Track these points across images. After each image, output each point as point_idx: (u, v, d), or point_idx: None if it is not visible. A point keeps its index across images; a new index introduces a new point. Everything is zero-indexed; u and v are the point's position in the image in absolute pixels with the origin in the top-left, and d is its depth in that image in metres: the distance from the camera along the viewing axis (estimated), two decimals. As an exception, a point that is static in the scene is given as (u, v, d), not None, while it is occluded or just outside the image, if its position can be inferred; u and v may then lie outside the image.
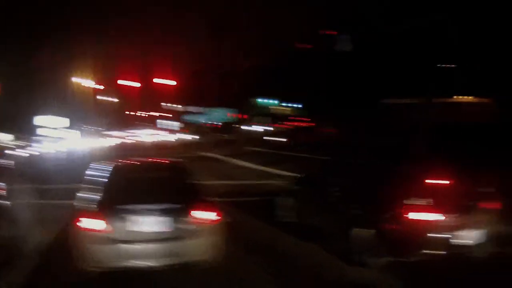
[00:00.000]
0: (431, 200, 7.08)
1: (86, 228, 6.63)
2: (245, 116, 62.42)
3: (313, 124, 50.10)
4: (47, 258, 8.14)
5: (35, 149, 36.91)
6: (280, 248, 8.93)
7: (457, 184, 7.57)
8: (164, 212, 6.75)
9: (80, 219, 6.70)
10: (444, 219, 7.03)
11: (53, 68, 51.29)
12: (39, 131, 51.79)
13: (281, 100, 70.46)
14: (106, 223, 6.58)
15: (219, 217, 7.00)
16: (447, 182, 7.55)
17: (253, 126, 61.26)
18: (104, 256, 6.60)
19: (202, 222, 6.87)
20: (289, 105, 71.67)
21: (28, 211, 10.52)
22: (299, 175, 11.50)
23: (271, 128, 57.55)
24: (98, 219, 6.61)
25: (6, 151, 27.36)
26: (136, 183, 7.45)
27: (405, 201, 7.21)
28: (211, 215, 6.95)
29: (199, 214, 6.88)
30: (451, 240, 7.03)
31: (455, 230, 7.06)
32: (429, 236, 6.98)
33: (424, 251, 6.99)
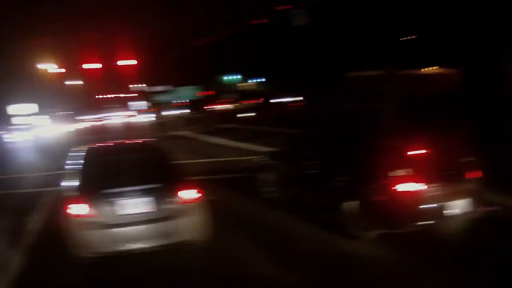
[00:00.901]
0: (413, 171, 7.08)
1: (76, 215, 6.60)
2: (212, 93, 61.53)
3: (279, 100, 49.86)
4: (39, 247, 7.99)
5: (10, 138, 36.74)
6: (266, 223, 8.81)
7: (436, 153, 7.63)
8: (146, 193, 6.73)
9: (69, 206, 6.66)
10: (429, 189, 7.04)
11: (16, 57, 50.03)
12: (13, 120, 50.72)
13: (245, 76, 69.75)
14: (94, 208, 6.57)
15: (201, 195, 6.97)
16: (426, 151, 7.59)
17: (220, 103, 60.45)
18: (96, 241, 6.59)
19: (185, 201, 6.83)
20: (254, 80, 71.48)
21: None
22: (273, 150, 11.46)
23: (238, 105, 56.42)
24: (85, 204, 6.58)
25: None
26: (115, 165, 7.42)
27: (388, 173, 7.19)
28: (193, 194, 6.92)
29: (181, 193, 6.85)
30: (441, 210, 7.09)
31: (442, 200, 7.10)
32: (420, 207, 6.98)
33: (417, 223, 6.97)
